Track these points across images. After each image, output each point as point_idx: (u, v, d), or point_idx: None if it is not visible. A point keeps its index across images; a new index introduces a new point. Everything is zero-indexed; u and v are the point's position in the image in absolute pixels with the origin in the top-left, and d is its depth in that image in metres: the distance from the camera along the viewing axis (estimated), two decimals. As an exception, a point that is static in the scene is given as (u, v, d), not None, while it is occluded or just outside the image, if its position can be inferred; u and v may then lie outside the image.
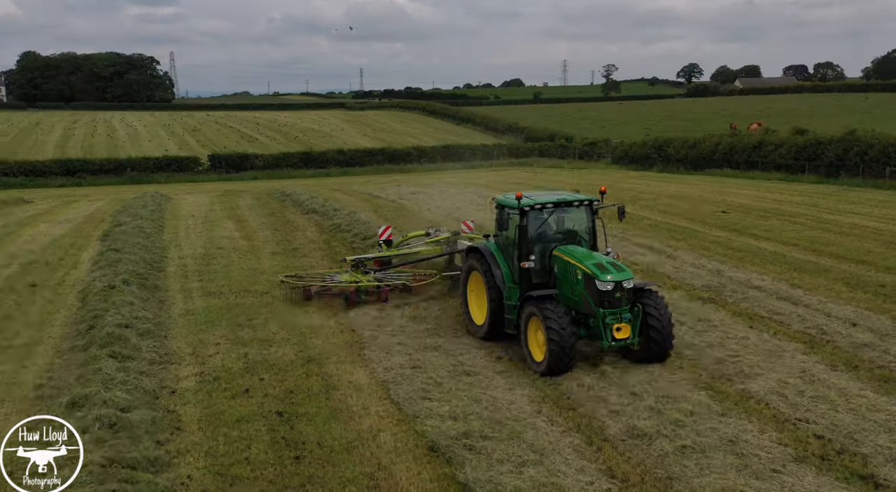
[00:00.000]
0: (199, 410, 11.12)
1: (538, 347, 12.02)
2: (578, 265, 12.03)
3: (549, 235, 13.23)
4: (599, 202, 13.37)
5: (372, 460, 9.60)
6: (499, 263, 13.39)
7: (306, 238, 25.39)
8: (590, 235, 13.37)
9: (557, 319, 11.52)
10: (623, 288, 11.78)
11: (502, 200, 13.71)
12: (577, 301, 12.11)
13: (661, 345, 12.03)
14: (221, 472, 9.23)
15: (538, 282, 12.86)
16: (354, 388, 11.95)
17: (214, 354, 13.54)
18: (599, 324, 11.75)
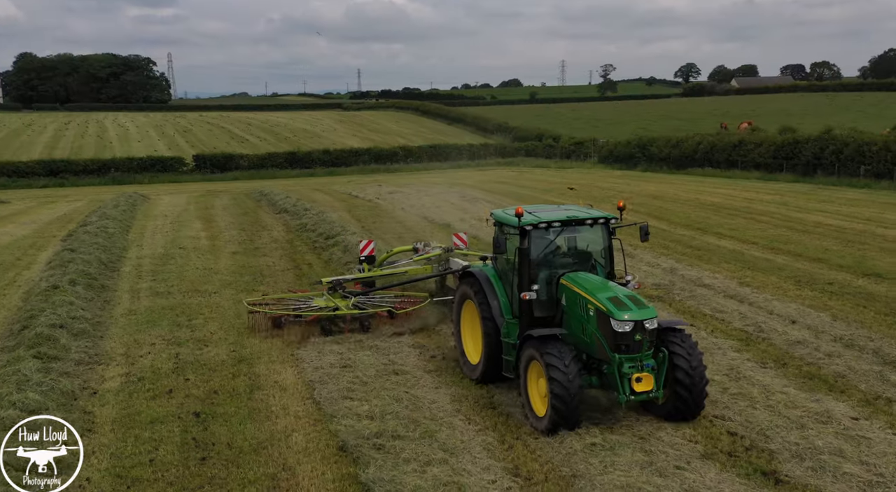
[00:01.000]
0: (115, 411, 11.01)
1: (540, 398, 9.83)
2: (590, 298, 9.77)
3: (557, 259, 10.95)
4: (617, 220, 10.93)
5: (279, 460, 9.49)
6: (496, 291, 11.18)
7: (271, 238, 25.31)
8: (606, 260, 11.00)
9: (563, 366, 9.32)
10: (644, 329, 9.44)
11: (500, 216, 11.32)
12: (589, 343, 9.88)
13: (691, 400, 9.63)
14: (122, 474, 9.10)
15: (542, 316, 10.61)
16: (279, 388, 11.84)
17: (146, 354, 13.44)
18: (615, 372, 9.50)
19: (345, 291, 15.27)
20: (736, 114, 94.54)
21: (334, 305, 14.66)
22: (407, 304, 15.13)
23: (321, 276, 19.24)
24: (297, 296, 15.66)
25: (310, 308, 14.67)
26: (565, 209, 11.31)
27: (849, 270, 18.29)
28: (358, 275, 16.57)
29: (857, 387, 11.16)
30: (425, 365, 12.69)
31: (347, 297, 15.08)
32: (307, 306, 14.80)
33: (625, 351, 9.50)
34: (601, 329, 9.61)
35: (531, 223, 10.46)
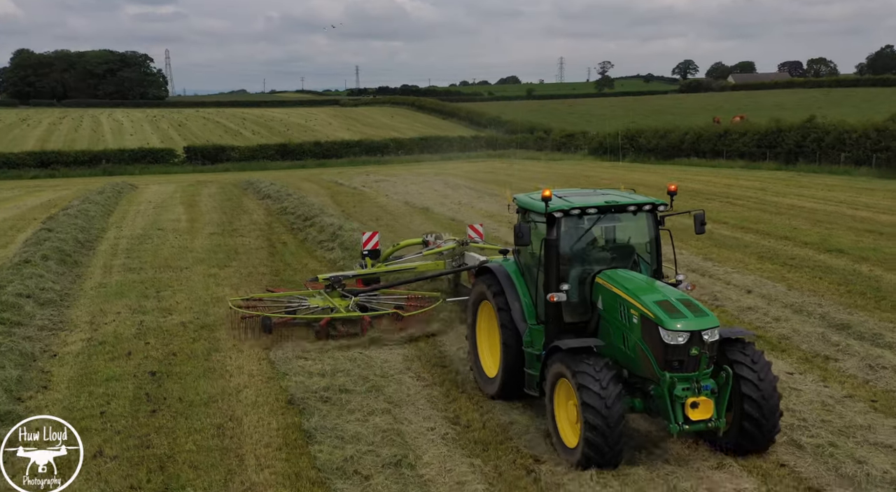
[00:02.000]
0: (73, 371, 11.26)
1: (570, 424, 8.03)
2: (633, 302, 7.94)
3: (592, 253, 9.15)
4: (667, 207, 8.94)
5: (227, 412, 9.74)
6: (517, 291, 9.40)
7: (250, 220, 25.55)
8: (652, 256, 9.12)
9: (599, 389, 7.46)
10: (702, 342, 7.55)
11: (524, 201, 9.46)
12: (632, 357, 8.03)
13: (760, 433, 7.76)
14: (75, 417, 9.36)
15: (573, 321, 8.82)
16: (237, 350, 12.08)
17: (110, 321, 13.69)
18: (665, 396, 7.61)
19: (344, 289, 13.52)
20: (730, 109, 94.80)
21: (332, 305, 12.91)
22: (416, 304, 13.27)
23: (293, 254, 19.59)
24: (287, 294, 13.98)
25: (305, 308, 13.11)
26: (602, 193, 9.37)
27: (813, 246, 18.54)
28: (360, 271, 14.66)
29: (798, 347, 11.43)
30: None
31: (347, 296, 13.28)
32: (301, 306, 13.19)
33: (677, 369, 7.58)
34: (648, 341, 7.71)
35: (561, 209, 8.50)
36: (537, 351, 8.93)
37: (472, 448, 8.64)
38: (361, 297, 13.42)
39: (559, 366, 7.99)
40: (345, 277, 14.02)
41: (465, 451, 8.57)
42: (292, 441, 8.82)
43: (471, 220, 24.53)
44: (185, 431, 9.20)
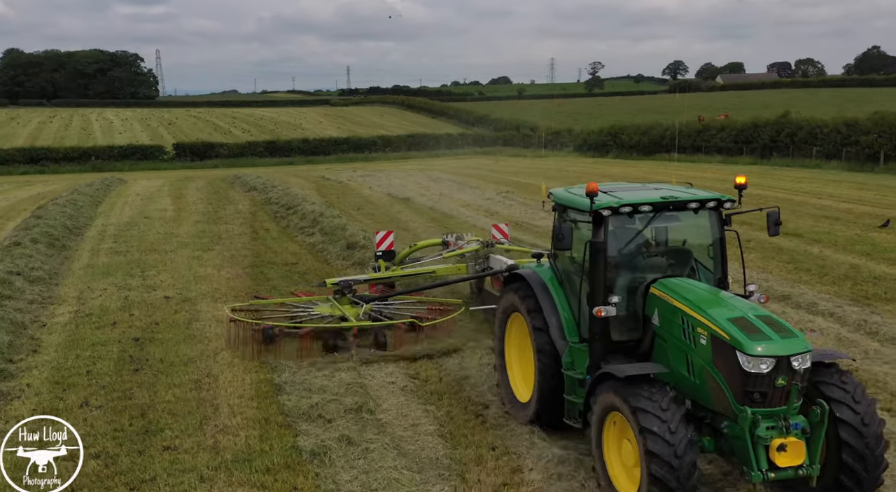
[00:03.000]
0: (61, 337, 12.00)
1: (623, 467, 6.64)
2: (701, 319, 6.56)
3: (643, 259, 7.82)
4: (734, 204, 7.50)
5: (205, 370, 10.51)
6: (555, 302, 8.06)
7: (235, 210, 26.29)
8: (716, 262, 7.75)
9: (662, 418, 6.05)
10: (792, 370, 6.12)
11: (563, 197, 8.12)
12: (698, 386, 6.63)
13: (864, 475, 6.30)
14: (59, 381, 10.11)
15: (622, 340, 7.50)
16: (216, 320, 12.82)
17: (97, 296, 14.43)
18: (745, 436, 6.17)
19: (354, 295, 12.30)
20: (716, 108, 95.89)
21: (341, 313, 11.68)
22: (435, 313, 12.01)
23: (275, 239, 20.35)
24: (292, 300, 12.84)
25: (310, 317, 11.79)
26: (655, 188, 8.07)
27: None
28: (373, 275, 13.34)
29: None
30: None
31: (358, 303, 12.08)
32: (307, 314, 11.93)
33: (760, 403, 6.16)
34: (720, 368, 6.31)
35: (609, 206, 7.21)
36: (580, 375, 7.59)
37: (428, 398, 9.46)
38: (372, 305, 12.04)
39: (611, 397, 6.50)
40: (355, 281, 12.62)
41: (421, 400, 9.39)
42: (263, 393, 9.60)
43: (448, 208, 25.41)
44: (165, 385, 9.96)
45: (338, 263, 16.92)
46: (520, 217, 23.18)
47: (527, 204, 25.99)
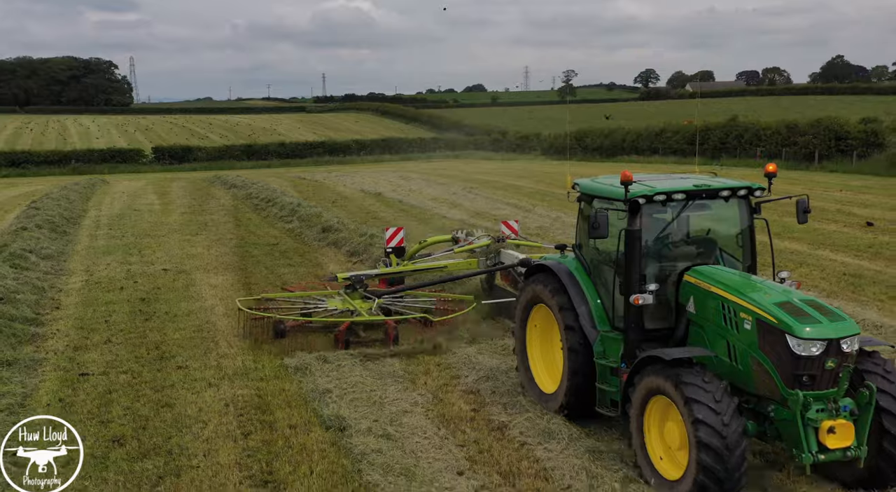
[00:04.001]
0: (78, 298, 14.05)
1: (666, 450, 6.87)
2: (745, 304, 6.73)
3: (673, 247, 7.95)
4: (764, 191, 7.72)
5: (204, 318, 12.64)
6: (584, 292, 8.18)
7: (218, 204, 28.29)
8: (745, 249, 7.90)
9: (716, 410, 6.21)
10: (843, 353, 6.35)
11: (592, 187, 8.29)
12: (740, 371, 6.81)
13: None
14: (83, 327, 12.17)
15: (654, 328, 7.68)
16: (210, 286, 14.95)
17: (103, 269, 16.48)
18: (796, 419, 6.34)
19: (366, 290, 12.40)
20: (681, 114, 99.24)
21: (352, 307, 11.80)
22: (447, 308, 12.21)
23: (257, 225, 22.42)
24: (303, 294, 12.95)
25: (322, 311, 11.96)
26: (683, 177, 8.19)
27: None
28: (384, 270, 13.44)
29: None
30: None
31: (370, 298, 12.16)
32: (318, 308, 12.10)
33: (808, 386, 6.34)
34: (768, 352, 6.50)
35: (644, 195, 7.32)
36: (613, 363, 7.73)
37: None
38: (385, 299, 12.24)
39: (656, 380, 6.68)
40: (367, 276, 12.74)
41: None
42: (258, 333, 11.69)
43: (416, 201, 27.65)
44: (172, 329, 12.08)
45: (314, 244, 19.07)
46: (481, 208, 25.49)
47: (489, 197, 28.32)
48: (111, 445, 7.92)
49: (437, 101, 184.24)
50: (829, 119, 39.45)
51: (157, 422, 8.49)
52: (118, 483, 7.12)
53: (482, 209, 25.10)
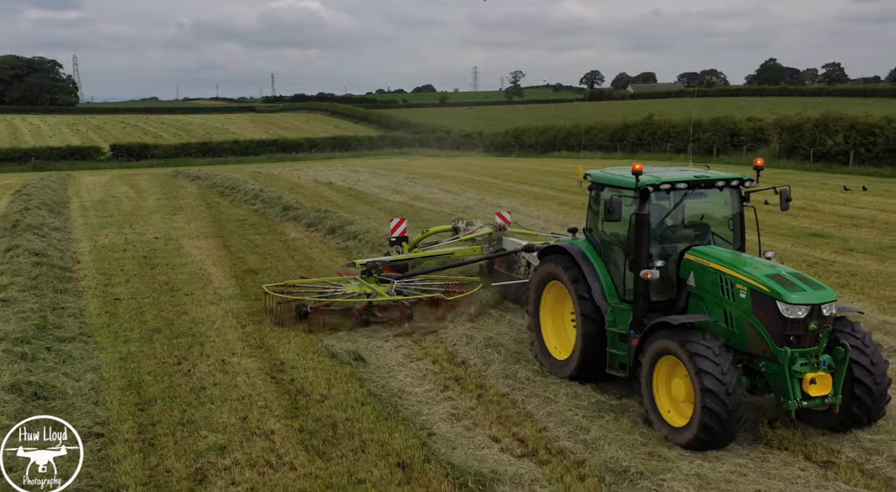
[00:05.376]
0: (92, 256, 17.78)
1: (672, 402, 8.04)
2: (741, 277, 7.92)
3: (672, 230, 9.16)
4: (753, 182, 9.01)
5: (197, 267, 16.51)
6: (596, 270, 9.28)
7: (187, 192, 31.86)
8: (736, 232, 9.13)
9: (716, 362, 7.42)
10: (822, 316, 7.58)
11: (603, 177, 9.43)
12: (735, 333, 8.03)
13: (872, 404, 7.84)
14: (104, 273, 15.96)
15: (658, 300, 8.83)
16: (196, 248, 18.78)
17: (104, 238, 20.18)
18: (785, 372, 7.58)
19: (381, 274, 13.42)
20: (618, 114, 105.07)
21: (371, 290, 12.78)
22: (455, 289, 13.25)
23: (226, 208, 26.17)
24: (322, 280, 13.77)
25: (342, 294, 12.85)
26: (681, 170, 9.40)
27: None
28: (397, 256, 14.39)
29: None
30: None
31: (387, 281, 13.22)
32: (337, 292, 12.97)
33: (794, 344, 7.55)
34: (760, 316, 7.69)
35: (652, 184, 8.46)
36: (623, 330, 8.86)
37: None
38: (397, 283, 13.21)
39: (665, 342, 7.85)
40: (381, 262, 13.73)
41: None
42: (241, 274, 15.62)
43: (364, 189, 31.69)
44: (174, 273, 15.96)
45: (277, 219, 22.99)
46: (419, 193, 29.68)
47: (426, 185, 32.53)
48: (152, 333, 11.82)
49: (387, 101, 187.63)
50: (726, 118, 45.00)
51: (180, 322, 12.43)
52: (165, 348, 11.06)
53: (420, 194, 29.27)
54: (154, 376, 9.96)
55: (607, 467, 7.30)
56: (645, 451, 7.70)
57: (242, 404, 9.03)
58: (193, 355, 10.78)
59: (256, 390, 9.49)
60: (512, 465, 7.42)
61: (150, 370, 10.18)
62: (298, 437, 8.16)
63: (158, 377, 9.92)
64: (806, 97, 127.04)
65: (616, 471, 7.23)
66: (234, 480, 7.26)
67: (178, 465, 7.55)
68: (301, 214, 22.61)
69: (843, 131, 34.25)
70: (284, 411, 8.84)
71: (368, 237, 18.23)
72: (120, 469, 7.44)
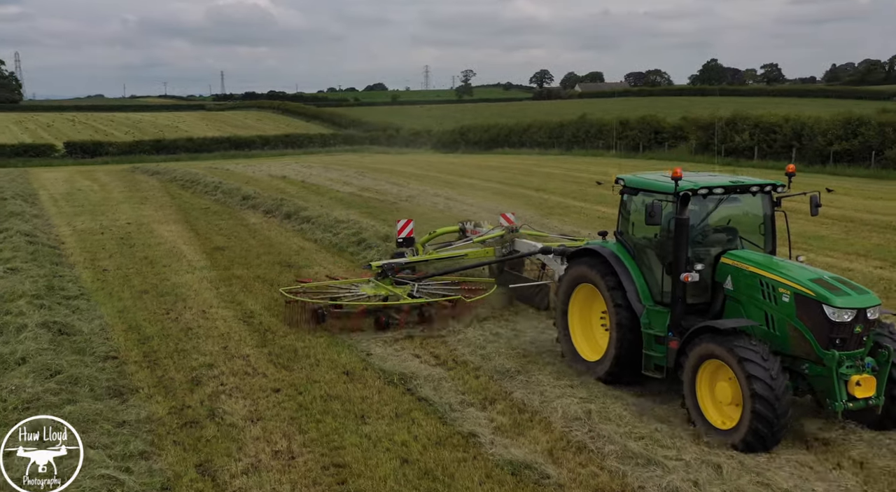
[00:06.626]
0: (73, 238, 20.09)
1: (716, 405, 8.19)
2: (784, 281, 8.09)
3: (707, 234, 9.29)
4: (785, 188, 9.21)
5: (170, 247, 18.98)
6: (630, 273, 9.45)
7: (149, 185, 33.96)
8: (767, 236, 9.33)
9: (765, 366, 7.56)
10: (868, 320, 7.79)
11: (637, 182, 9.63)
12: (777, 337, 8.17)
13: None
14: (88, 251, 18.35)
15: (693, 303, 8.97)
16: (168, 231, 21.20)
17: (81, 224, 22.44)
18: (832, 375, 7.71)
19: (397, 276, 13.45)
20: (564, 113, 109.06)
21: (387, 293, 12.84)
22: (470, 291, 13.36)
23: (189, 198, 28.47)
24: (339, 282, 13.76)
25: (357, 297, 12.89)
26: (710, 175, 9.61)
27: (532, 187, 29.78)
28: (412, 258, 14.35)
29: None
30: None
31: (403, 283, 13.29)
32: (353, 295, 12.99)
33: (840, 347, 7.72)
34: (805, 320, 7.85)
35: (692, 189, 8.63)
36: (660, 333, 8.96)
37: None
38: (412, 285, 13.28)
39: (710, 346, 7.96)
40: (398, 264, 13.76)
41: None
42: (210, 251, 18.15)
43: (316, 181, 34.27)
44: (151, 251, 18.43)
45: (237, 208, 25.47)
46: (367, 185, 32.39)
47: (374, 178, 35.25)
48: (140, 293, 14.34)
49: (339, 99, 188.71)
50: (651, 117, 48.94)
51: (163, 286, 14.98)
52: (154, 303, 13.61)
53: (368, 186, 31.98)
54: (148, 322, 12.54)
55: (496, 370, 10.25)
56: (526, 360, 10.67)
57: (223, 339, 11.70)
58: (178, 308, 13.37)
59: (232, 329, 12.17)
60: (427, 369, 10.30)
61: (144, 318, 12.76)
62: (268, 358, 10.88)
63: (152, 323, 12.51)
64: (744, 97, 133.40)
65: (501, 372, 10.18)
66: (222, 382, 9.93)
67: (178, 376, 10.20)
68: (259, 202, 25.11)
69: (749, 129, 38.22)
70: (256, 342, 11.54)
71: (321, 221, 20.96)
72: (135, 378, 10.07)
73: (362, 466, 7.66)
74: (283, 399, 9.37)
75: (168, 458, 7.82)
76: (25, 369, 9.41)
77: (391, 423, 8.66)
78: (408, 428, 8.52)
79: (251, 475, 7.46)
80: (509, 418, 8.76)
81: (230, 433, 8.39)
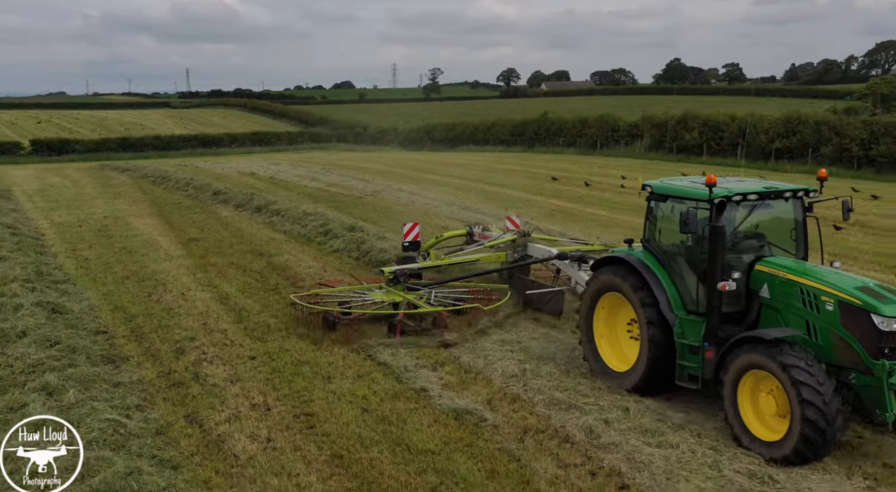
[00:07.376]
0: (53, 231, 21.06)
1: (759, 417, 7.98)
2: (827, 289, 7.88)
3: (739, 241, 9.10)
4: (817, 193, 9.03)
5: (146, 238, 20.06)
6: (661, 281, 9.21)
7: (120, 181, 34.74)
8: (798, 242, 9.16)
9: (811, 372, 7.40)
10: None
11: (666, 188, 9.45)
12: (821, 346, 7.96)
13: None
14: (69, 242, 19.37)
15: (728, 312, 8.73)
16: (143, 224, 22.24)
17: (59, 218, 23.39)
18: (883, 385, 7.51)
19: (409, 282, 13.17)
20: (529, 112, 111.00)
21: (398, 299, 12.64)
22: (484, 298, 13.07)
23: (161, 194, 29.44)
24: (349, 288, 13.40)
25: (367, 303, 12.74)
26: (738, 181, 9.41)
27: (483, 181, 31.27)
28: (424, 263, 14.27)
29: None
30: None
31: (415, 289, 13.09)
32: (363, 301, 12.81)
33: (890, 356, 7.54)
34: (851, 329, 7.67)
35: (727, 195, 8.45)
36: (694, 342, 8.73)
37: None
38: (423, 290, 13.12)
39: (755, 357, 7.78)
40: (409, 270, 13.50)
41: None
42: (185, 242, 19.27)
43: (283, 177, 35.42)
44: (129, 242, 19.50)
45: (209, 202, 26.55)
46: (333, 181, 33.65)
47: (340, 174, 36.51)
48: (122, 279, 15.50)
49: (306, 97, 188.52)
50: (608, 116, 50.89)
51: (143, 272, 16.14)
52: (136, 287, 14.80)
53: (334, 182, 33.22)
54: (132, 303, 13.74)
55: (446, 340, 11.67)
56: (475, 333, 12.14)
57: (202, 316, 12.96)
58: (159, 291, 14.58)
59: (210, 308, 13.43)
60: (385, 339, 11.68)
61: (128, 300, 13.96)
62: (244, 331, 12.18)
63: (136, 304, 13.71)
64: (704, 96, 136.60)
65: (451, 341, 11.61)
66: (203, 352, 11.22)
67: (164, 347, 11.46)
68: (230, 197, 26.23)
69: (699, 127, 40.25)
70: (232, 319, 12.83)
71: (290, 214, 22.23)
72: (125, 349, 11.32)
73: (328, 414, 9.03)
74: (259, 365, 10.69)
75: (160, 410, 9.12)
76: (27, 340, 10.60)
77: (354, 382, 10.05)
78: (368, 385, 9.92)
79: (233, 423, 8.79)
80: (456, 377, 10.21)
81: (213, 391, 9.71)
